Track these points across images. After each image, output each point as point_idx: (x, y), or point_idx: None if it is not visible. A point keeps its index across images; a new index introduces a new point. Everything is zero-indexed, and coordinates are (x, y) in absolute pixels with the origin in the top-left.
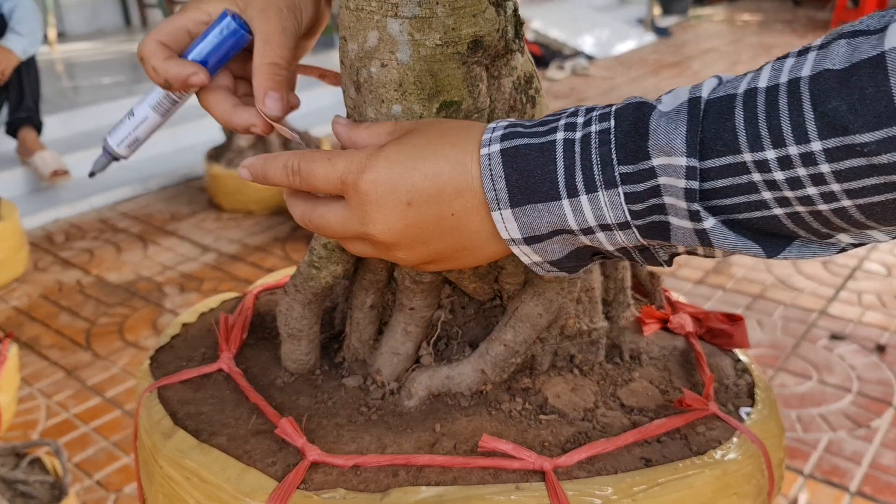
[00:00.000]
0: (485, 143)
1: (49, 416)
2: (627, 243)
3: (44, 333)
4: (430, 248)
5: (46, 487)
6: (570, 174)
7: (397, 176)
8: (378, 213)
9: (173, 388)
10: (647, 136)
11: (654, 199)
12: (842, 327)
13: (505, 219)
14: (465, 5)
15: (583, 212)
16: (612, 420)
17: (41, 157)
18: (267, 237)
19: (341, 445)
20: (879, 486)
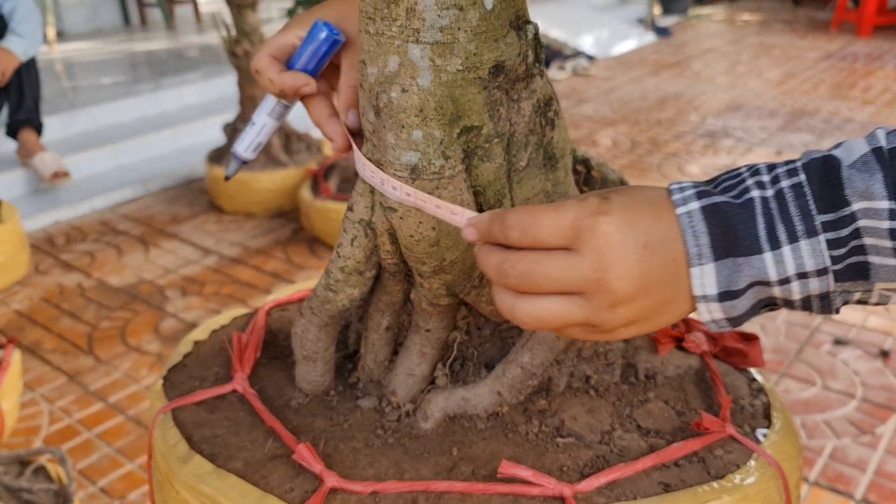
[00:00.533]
0: (678, 202)
1: (52, 422)
2: (817, 291)
3: (45, 337)
4: (650, 299)
5: (51, 496)
6: (770, 228)
7: (633, 218)
8: (618, 256)
9: (188, 410)
10: (843, 185)
11: (855, 241)
12: (845, 332)
13: (704, 273)
14: (487, 30)
15: (784, 262)
16: (629, 443)
17: (41, 159)
18: (268, 240)
19: (359, 471)
20: (884, 493)
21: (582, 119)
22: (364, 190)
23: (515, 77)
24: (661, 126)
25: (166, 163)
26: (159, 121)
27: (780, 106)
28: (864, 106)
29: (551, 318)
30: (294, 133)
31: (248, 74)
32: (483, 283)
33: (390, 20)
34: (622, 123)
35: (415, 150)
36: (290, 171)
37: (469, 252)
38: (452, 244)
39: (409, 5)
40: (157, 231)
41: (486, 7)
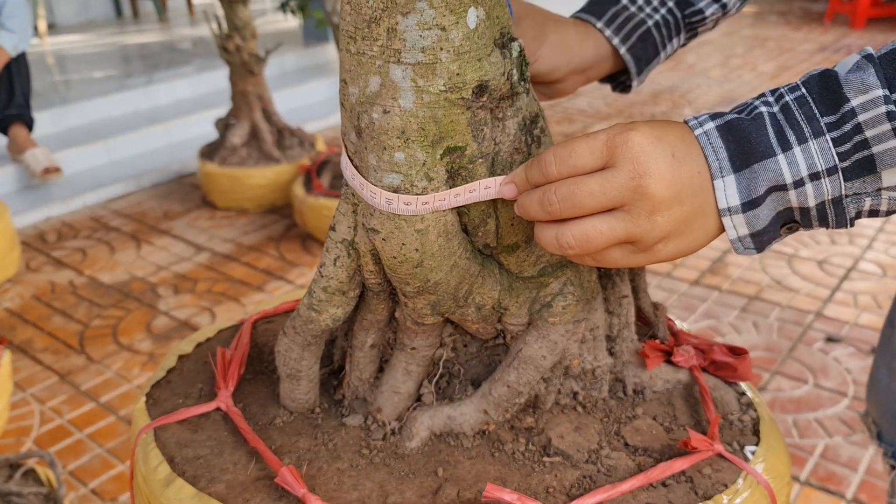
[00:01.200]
0: (694, 126)
1: (43, 423)
2: (830, 194)
3: (37, 336)
4: (683, 209)
5: (41, 499)
6: (780, 133)
7: (658, 133)
8: (651, 163)
9: (170, 429)
10: (841, 86)
11: (858, 136)
12: (837, 329)
13: (727, 184)
14: (470, 50)
15: (796, 162)
16: (616, 462)
17: (32, 155)
18: (261, 236)
19: (343, 494)
20: (875, 493)
21: (576, 113)
22: (346, 210)
23: (500, 96)
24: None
25: (158, 158)
26: (151, 115)
27: None
28: None
29: (597, 235)
30: (287, 128)
31: (239, 69)
32: (468, 302)
33: (371, 40)
34: (616, 117)
35: (397, 171)
36: (282, 167)
37: (453, 273)
38: (436, 265)
39: (389, 25)
40: (150, 227)
41: (469, 26)
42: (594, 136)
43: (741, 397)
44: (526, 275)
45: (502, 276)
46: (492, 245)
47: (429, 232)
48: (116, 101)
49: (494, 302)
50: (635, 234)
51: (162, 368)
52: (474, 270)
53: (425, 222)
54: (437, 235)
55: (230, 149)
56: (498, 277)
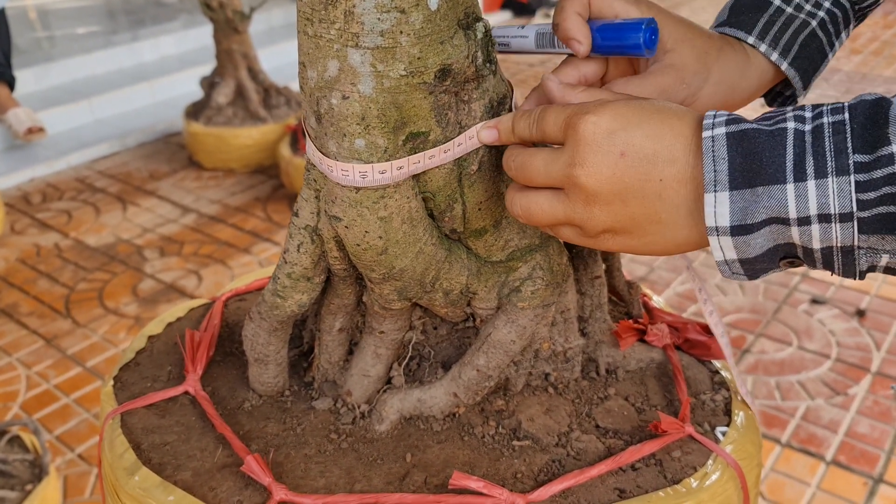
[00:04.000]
0: (707, 126)
1: (29, 387)
2: (840, 241)
3: (22, 300)
4: (628, 209)
5: (26, 466)
6: (799, 159)
7: (619, 126)
8: (590, 154)
9: (137, 414)
10: (888, 123)
11: (888, 187)
12: (823, 291)
13: (718, 202)
14: (432, 33)
15: (807, 197)
16: (586, 445)
17: (15, 115)
18: (248, 197)
19: (309, 481)
20: (854, 454)
21: None
22: (309, 195)
23: (465, 79)
24: None
25: (144, 117)
26: (136, 73)
27: None
28: (850, 55)
29: (539, 212)
30: (273, 87)
31: (223, 27)
32: (435, 287)
33: (328, 22)
34: None
35: (357, 159)
36: (269, 127)
37: (419, 259)
38: (401, 252)
39: (347, 8)
40: (135, 188)
41: (430, 8)
42: (564, 107)
43: (714, 376)
44: (494, 259)
45: (470, 261)
46: (459, 230)
47: (392, 219)
48: (100, 58)
49: (462, 287)
50: (574, 220)
51: (131, 350)
52: (441, 256)
53: (388, 209)
54: (402, 222)
55: (216, 108)
56: (466, 262)
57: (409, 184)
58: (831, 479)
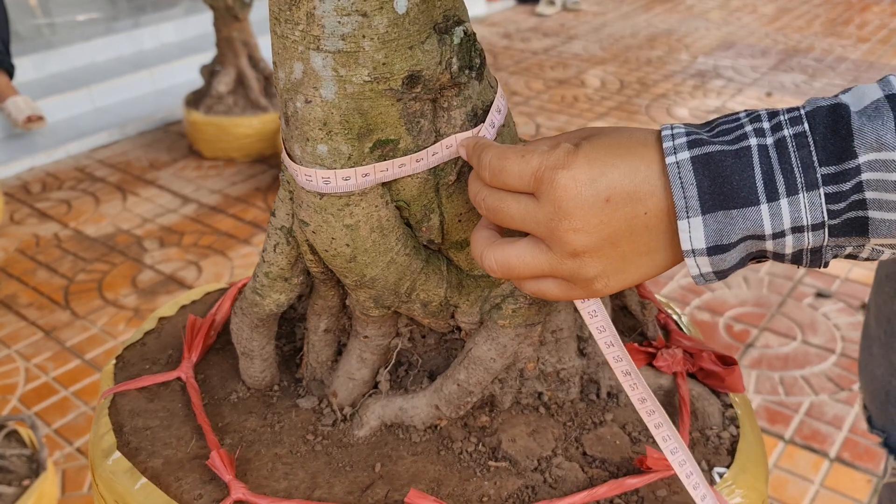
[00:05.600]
0: (668, 150)
1: (28, 380)
2: (810, 245)
3: (21, 291)
4: (618, 250)
5: (24, 461)
6: (768, 178)
7: (597, 172)
8: (576, 208)
9: (129, 396)
10: (852, 136)
11: (856, 195)
12: (828, 284)
13: (692, 227)
14: (399, 38)
15: (781, 215)
16: (566, 473)
17: (14, 103)
18: (248, 187)
19: (272, 482)
20: (858, 451)
21: (570, 57)
22: (284, 196)
23: (440, 86)
24: (650, 65)
25: (144, 105)
26: (136, 61)
27: (773, 44)
28: (858, 44)
29: (520, 265)
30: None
31: (223, 15)
32: (412, 298)
33: (293, 24)
34: (611, 62)
35: (320, 164)
36: (270, 116)
37: (391, 269)
38: (371, 260)
39: (308, 9)
40: (135, 178)
41: (397, 11)
42: (528, 159)
43: (727, 410)
44: (477, 273)
45: (451, 274)
46: (437, 241)
47: (360, 227)
48: (100, 45)
49: (441, 299)
50: (561, 273)
51: (140, 331)
52: (416, 267)
53: (355, 217)
54: (371, 231)
55: (216, 97)
56: (445, 275)
57: (379, 192)
58: (835, 477)
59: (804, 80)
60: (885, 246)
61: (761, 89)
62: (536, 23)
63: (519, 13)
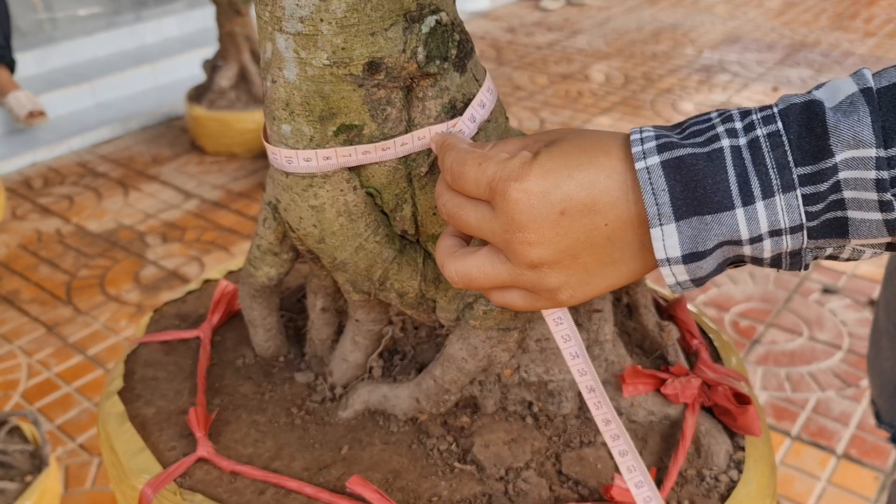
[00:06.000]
0: (638, 155)
1: (30, 376)
2: (789, 248)
3: (23, 287)
4: (579, 261)
5: (27, 456)
6: (743, 180)
7: (551, 185)
8: (529, 221)
9: (150, 347)
10: (827, 133)
11: (834, 195)
12: (835, 280)
13: (666, 234)
14: (359, 23)
15: (757, 219)
16: (530, 488)
17: (15, 98)
18: (251, 182)
19: (239, 447)
20: (866, 448)
21: (575, 52)
22: (272, 173)
23: (409, 75)
24: (655, 60)
25: (146, 100)
26: (138, 55)
27: (779, 38)
28: (865, 38)
29: (480, 276)
30: None
31: (226, 9)
32: (386, 286)
33: (263, 4)
34: (616, 57)
35: (284, 144)
36: None
37: (360, 255)
38: (339, 244)
39: None
40: (137, 173)
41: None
42: (485, 167)
43: (736, 452)
44: None
45: (427, 267)
46: (410, 232)
47: (325, 209)
48: (102, 40)
49: (416, 292)
50: (522, 283)
51: (185, 289)
52: (387, 256)
53: (319, 199)
54: (338, 214)
55: (218, 92)
56: (420, 267)
57: (345, 176)
58: (842, 473)
59: (811, 75)
60: (867, 246)
61: (767, 84)
62: (540, 17)
63: (523, 7)
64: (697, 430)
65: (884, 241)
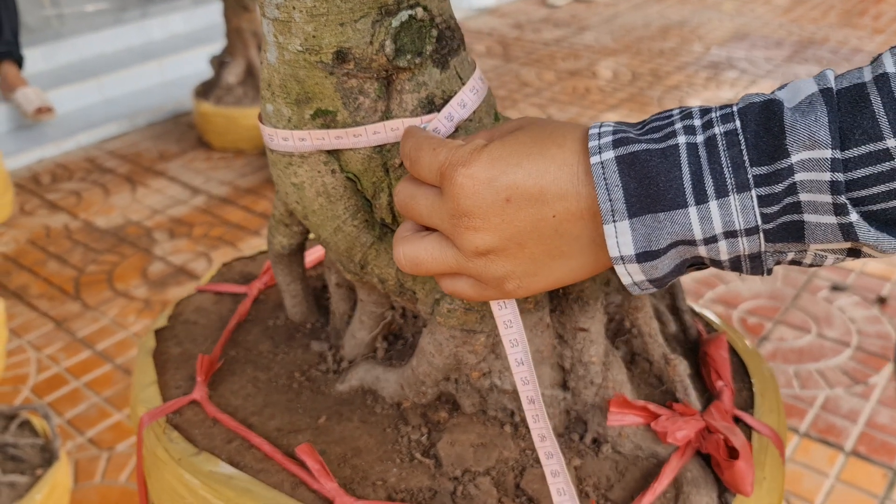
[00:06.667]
0: (594, 150)
1: (40, 371)
2: (747, 251)
3: (32, 282)
4: (526, 251)
5: (37, 450)
6: (697, 178)
7: (498, 171)
8: (474, 207)
9: (206, 296)
10: (784, 133)
11: (790, 197)
12: (843, 277)
13: (619, 231)
14: (329, 13)
15: (710, 219)
16: (478, 495)
17: (24, 94)
18: (258, 178)
19: (230, 398)
20: (874, 445)
21: (582, 48)
22: None
23: (380, 67)
24: (663, 56)
25: (153, 96)
26: (145, 51)
27: (788, 35)
28: (873, 35)
29: (428, 259)
30: None
31: (233, 5)
32: (367, 271)
33: None
34: (623, 53)
35: (268, 122)
36: None
37: (339, 236)
38: (320, 223)
39: None
40: (145, 169)
41: None
42: (438, 152)
43: None
44: None
45: None
46: (388, 221)
47: (305, 188)
48: (109, 36)
49: (394, 280)
50: (469, 271)
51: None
52: (365, 240)
53: (299, 177)
54: (317, 194)
55: (225, 88)
56: None
57: (322, 158)
58: (851, 470)
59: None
60: (828, 251)
61: (775, 81)
62: (547, 13)
63: (530, 4)
64: (682, 476)
65: (843, 246)
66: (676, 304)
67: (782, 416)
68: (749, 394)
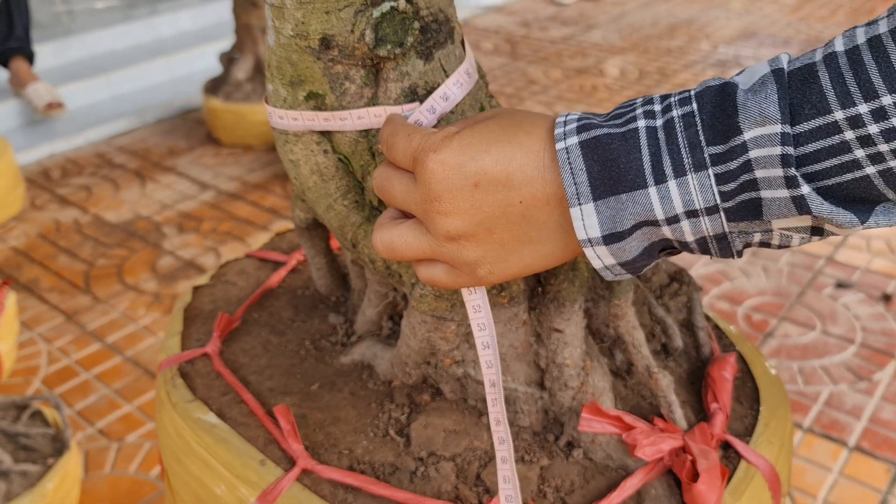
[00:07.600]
0: (559, 136)
1: (50, 362)
2: (711, 231)
3: (43, 275)
4: (495, 236)
5: (48, 440)
6: (656, 159)
7: (467, 157)
8: (444, 192)
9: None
10: (737, 112)
11: (746, 175)
12: (848, 274)
13: (585, 214)
14: (315, 1)
15: (670, 198)
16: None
17: (34, 89)
18: (267, 174)
19: (240, 355)
20: (878, 441)
21: (589, 46)
22: None
23: (363, 55)
24: (670, 55)
25: (162, 92)
26: (154, 48)
27: (795, 33)
28: None
29: (402, 245)
30: None
31: (242, 1)
32: (359, 250)
33: None
34: (631, 52)
35: (269, 101)
36: None
37: (331, 214)
38: (314, 200)
39: None
40: (154, 164)
41: None
42: (412, 138)
43: None
44: None
45: None
46: (374, 204)
47: (300, 165)
48: (119, 32)
49: (382, 262)
50: (441, 256)
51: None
52: (354, 220)
53: (294, 155)
54: (311, 172)
55: (234, 84)
56: None
57: (314, 138)
58: (854, 466)
59: None
60: (792, 230)
61: None
62: (555, 11)
63: (537, 2)
64: (645, 492)
65: (804, 223)
66: (692, 319)
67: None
68: (753, 421)
